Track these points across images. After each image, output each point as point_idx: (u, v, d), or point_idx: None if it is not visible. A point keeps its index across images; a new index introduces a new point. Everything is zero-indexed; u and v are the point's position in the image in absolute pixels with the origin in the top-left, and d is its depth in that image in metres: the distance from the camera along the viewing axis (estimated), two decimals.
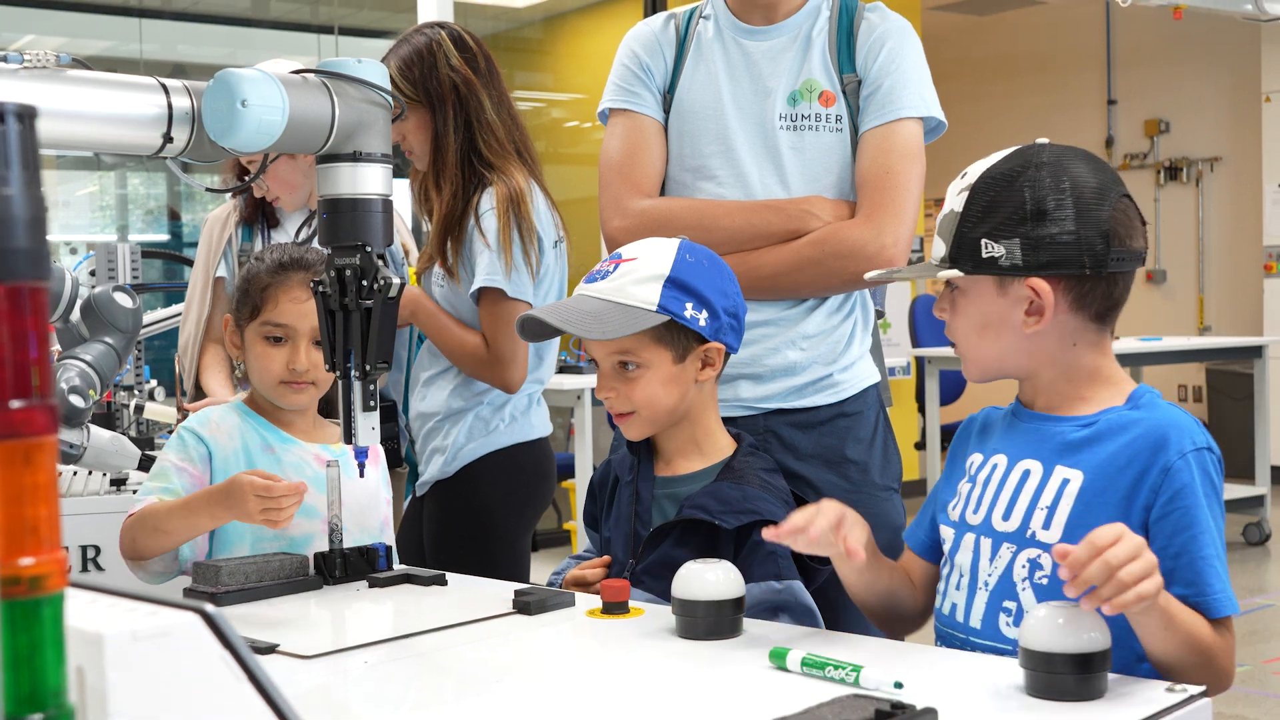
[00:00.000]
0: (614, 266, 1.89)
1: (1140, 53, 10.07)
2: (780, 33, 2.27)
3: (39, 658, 0.71)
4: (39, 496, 0.70)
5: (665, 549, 1.86)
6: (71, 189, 8.23)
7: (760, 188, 2.23)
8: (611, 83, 2.36)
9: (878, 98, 2.22)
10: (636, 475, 1.97)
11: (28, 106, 0.72)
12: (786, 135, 2.23)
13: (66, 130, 1.59)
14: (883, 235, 2.15)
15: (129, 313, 2.47)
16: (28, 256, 0.70)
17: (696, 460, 1.96)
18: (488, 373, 2.63)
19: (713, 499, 1.86)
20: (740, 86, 2.26)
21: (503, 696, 1.42)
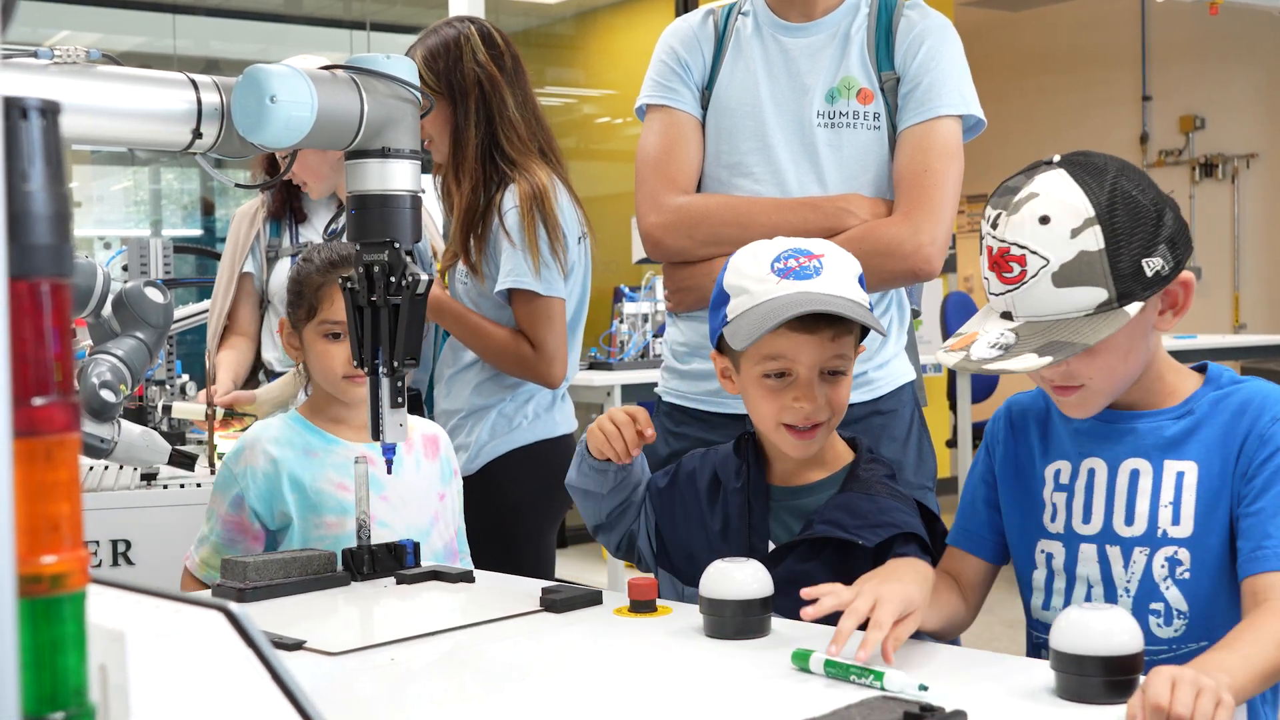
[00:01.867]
0: (818, 263, 1.77)
1: (1175, 48, 9.99)
2: (819, 30, 2.26)
3: (60, 656, 0.70)
4: (60, 494, 0.70)
5: (792, 565, 1.75)
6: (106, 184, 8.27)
7: (797, 185, 2.21)
8: (649, 78, 2.34)
9: (916, 95, 2.21)
10: (748, 484, 1.86)
11: (51, 102, 0.71)
12: (824, 133, 2.22)
13: (96, 126, 1.59)
14: (920, 234, 2.14)
15: (160, 308, 2.47)
16: (50, 253, 0.70)
17: (817, 470, 1.86)
18: (530, 371, 2.63)
19: (845, 513, 1.77)
20: (778, 84, 2.25)
21: (528, 694, 1.42)
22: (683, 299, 2.29)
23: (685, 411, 2.29)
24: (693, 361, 2.28)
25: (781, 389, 1.78)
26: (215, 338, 3.27)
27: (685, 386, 2.30)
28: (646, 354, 4.93)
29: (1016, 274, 1.57)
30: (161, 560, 2.43)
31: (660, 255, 2.30)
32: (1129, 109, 10.36)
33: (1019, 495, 1.74)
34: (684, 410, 2.29)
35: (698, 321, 2.26)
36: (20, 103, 0.70)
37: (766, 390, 1.80)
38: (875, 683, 1.38)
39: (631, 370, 4.79)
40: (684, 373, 2.30)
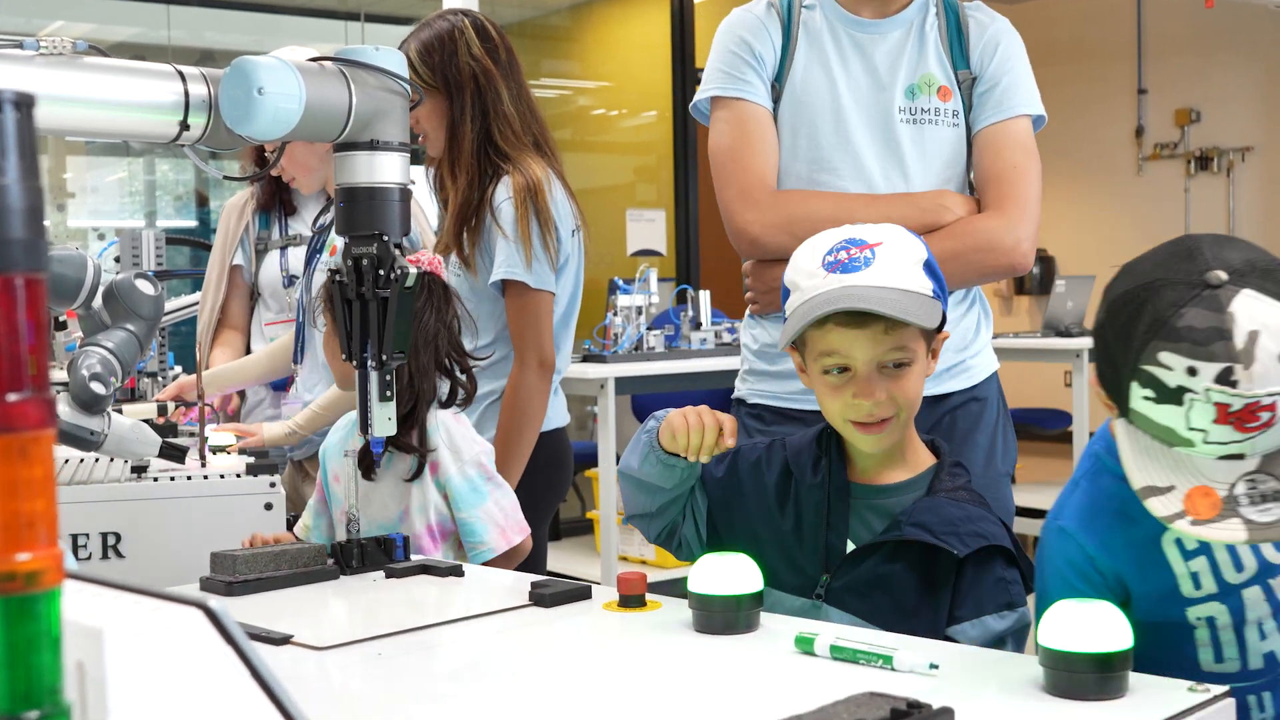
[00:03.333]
0: (870, 253, 1.73)
1: (1171, 41, 9.98)
2: (894, 26, 2.26)
3: (35, 654, 0.70)
4: (35, 491, 0.69)
5: (873, 567, 1.73)
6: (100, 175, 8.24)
7: (883, 181, 2.21)
8: (717, 69, 2.28)
9: (995, 94, 2.25)
10: (828, 479, 1.81)
11: (25, 94, 0.70)
12: (907, 129, 2.23)
13: (83, 117, 1.58)
14: (1016, 229, 2.17)
15: (150, 300, 2.46)
16: (24, 246, 0.69)
17: (901, 470, 1.81)
18: (533, 379, 2.61)
19: (934, 517, 1.72)
20: (855, 79, 2.24)
21: (516, 689, 1.41)
22: (776, 299, 2.21)
23: (777, 412, 2.26)
24: (785, 361, 2.23)
25: (843, 385, 1.74)
26: (208, 331, 3.27)
27: (777, 387, 2.27)
28: (640, 346, 4.92)
29: (1265, 420, 1.45)
30: (152, 553, 2.42)
31: (758, 253, 2.25)
32: (1124, 102, 10.36)
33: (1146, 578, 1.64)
34: (775, 410, 2.27)
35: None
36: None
37: (829, 387, 1.76)
38: (885, 665, 1.38)
39: (625, 362, 4.78)
40: (774, 374, 2.27)
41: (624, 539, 5.24)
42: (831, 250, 1.74)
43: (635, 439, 1.84)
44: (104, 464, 2.71)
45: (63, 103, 1.55)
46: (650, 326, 5.03)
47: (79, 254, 2.42)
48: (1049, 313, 6.51)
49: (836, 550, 1.76)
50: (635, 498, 1.89)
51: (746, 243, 2.24)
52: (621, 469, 1.88)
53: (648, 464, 1.82)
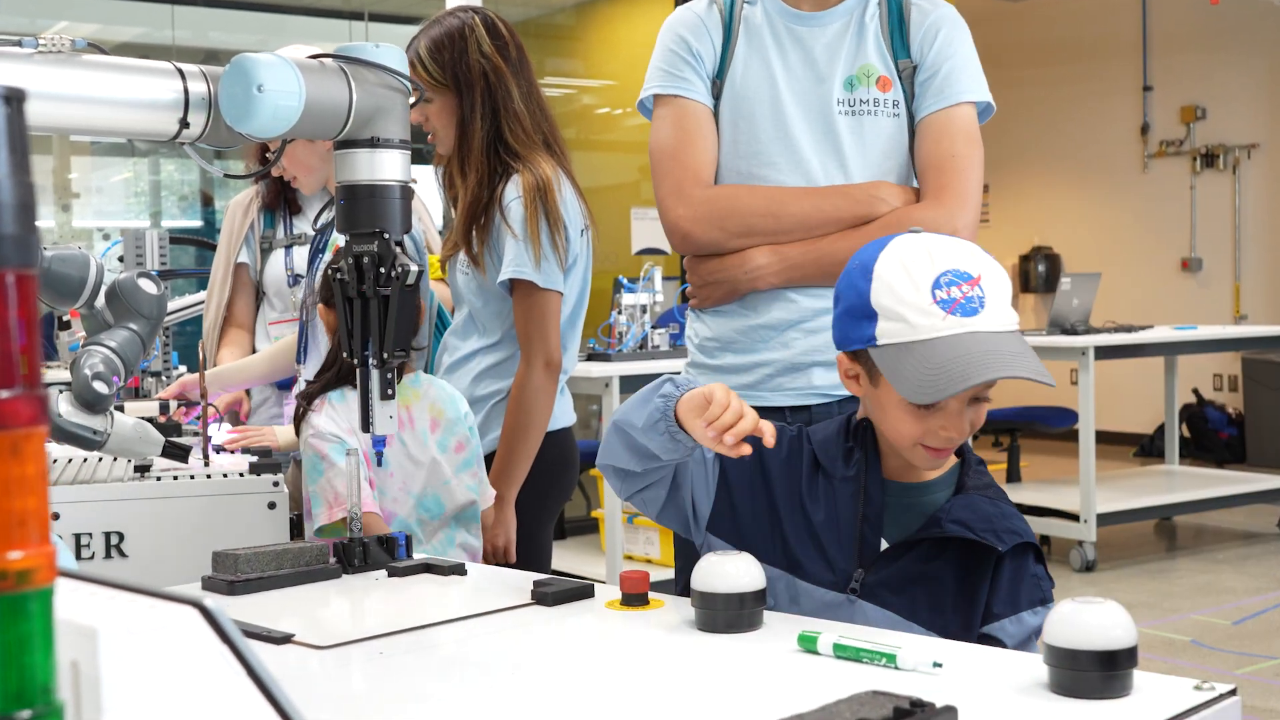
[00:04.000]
0: (979, 289, 1.66)
1: (1176, 38, 9.96)
2: (833, 19, 2.25)
3: (27, 654, 0.69)
4: (27, 489, 0.69)
5: (914, 564, 1.71)
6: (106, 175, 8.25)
7: (822, 174, 2.20)
8: (657, 68, 2.30)
9: (936, 83, 2.22)
10: (865, 474, 1.77)
11: (15, 89, 0.70)
12: (846, 120, 2.21)
13: (81, 115, 1.57)
14: (954, 218, 2.14)
15: (153, 299, 2.46)
16: (15, 242, 0.69)
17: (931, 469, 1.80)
18: (540, 378, 2.61)
19: (972, 515, 1.71)
20: (794, 73, 2.24)
21: (518, 688, 1.41)
22: (711, 293, 2.25)
23: None
24: (724, 356, 2.25)
25: (927, 415, 1.69)
26: (214, 330, 3.27)
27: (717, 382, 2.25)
28: (645, 345, 4.92)
29: None
30: (155, 552, 2.42)
31: (690, 248, 2.26)
32: (1130, 99, 10.34)
33: None
34: None
35: (726, 316, 2.25)
36: None
37: (910, 413, 1.70)
38: (888, 664, 1.37)
39: (630, 361, 4.78)
40: (715, 368, 2.27)
41: (628, 537, 5.23)
42: (939, 283, 1.66)
43: (644, 398, 1.70)
44: (107, 463, 2.70)
45: (61, 100, 1.54)
46: (655, 325, 5.02)
47: (81, 253, 2.42)
48: (1054, 310, 6.49)
49: (871, 545, 1.73)
50: (621, 454, 1.75)
51: (679, 238, 2.25)
52: (619, 421, 1.74)
53: (654, 431, 1.67)
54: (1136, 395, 9.63)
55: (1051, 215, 10.81)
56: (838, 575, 1.74)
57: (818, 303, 2.17)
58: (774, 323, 2.20)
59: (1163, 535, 7.18)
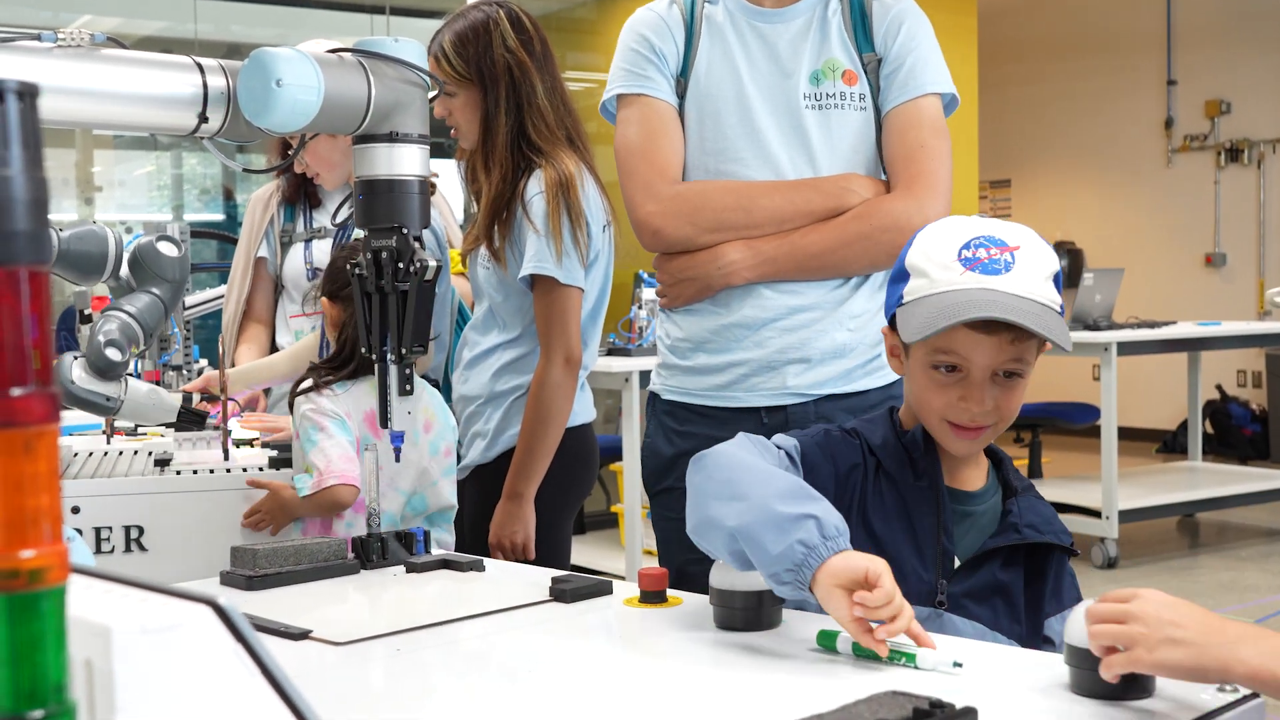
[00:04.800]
0: (1010, 256, 1.62)
1: (1201, 32, 9.90)
2: (795, 15, 2.24)
3: (39, 653, 0.68)
4: (40, 486, 0.68)
5: (990, 572, 1.66)
6: (128, 168, 8.28)
7: (790, 168, 2.19)
8: (619, 68, 2.29)
9: (901, 75, 2.22)
10: (938, 484, 1.69)
11: (29, 84, 0.69)
12: (812, 114, 2.20)
13: (100, 110, 1.57)
14: (925, 208, 2.13)
15: (173, 261, 2.45)
16: (28, 239, 0.68)
17: (977, 474, 1.75)
18: (560, 374, 2.60)
19: (1037, 517, 1.69)
20: (759, 69, 2.23)
21: (535, 685, 1.40)
22: (682, 291, 2.23)
23: (690, 409, 2.24)
24: (697, 356, 2.23)
25: (950, 384, 1.65)
26: (233, 324, 3.28)
27: (690, 383, 2.25)
28: None
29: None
30: (175, 546, 2.43)
31: (660, 245, 2.24)
32: (1154, 93, 10.28)
33: None
34: (688, 408, 2.24)
35: (698, 315, 2.23)
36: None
37: (934, 382, 1.66)
38: (908, 664, 1.36)
39: (650, 356, 4.77)
40: (688, 369, 2.25)
41: (648, 533, 5.22)
42: (969, 245, 1.64)
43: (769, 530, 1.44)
44: (127, 457, 2.71)
45: (80, 95, 1.54)
46: None
47: (96, 229, 2.41)
48: (1077, 306, 6.46)
49: (950, 556, 1.67)
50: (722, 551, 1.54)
51: (649, 235, 2.23)
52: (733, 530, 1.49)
53: (775, 580, 1.45)
54: (1159, 391, 9.58)
55: (1074, 210, 10.76)
56: (921, 588, 1.65)
57: (791, 299, 2.16)
58: (747, 321, 2.19)
59: (1185, 532, 7.15)
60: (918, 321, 1.62)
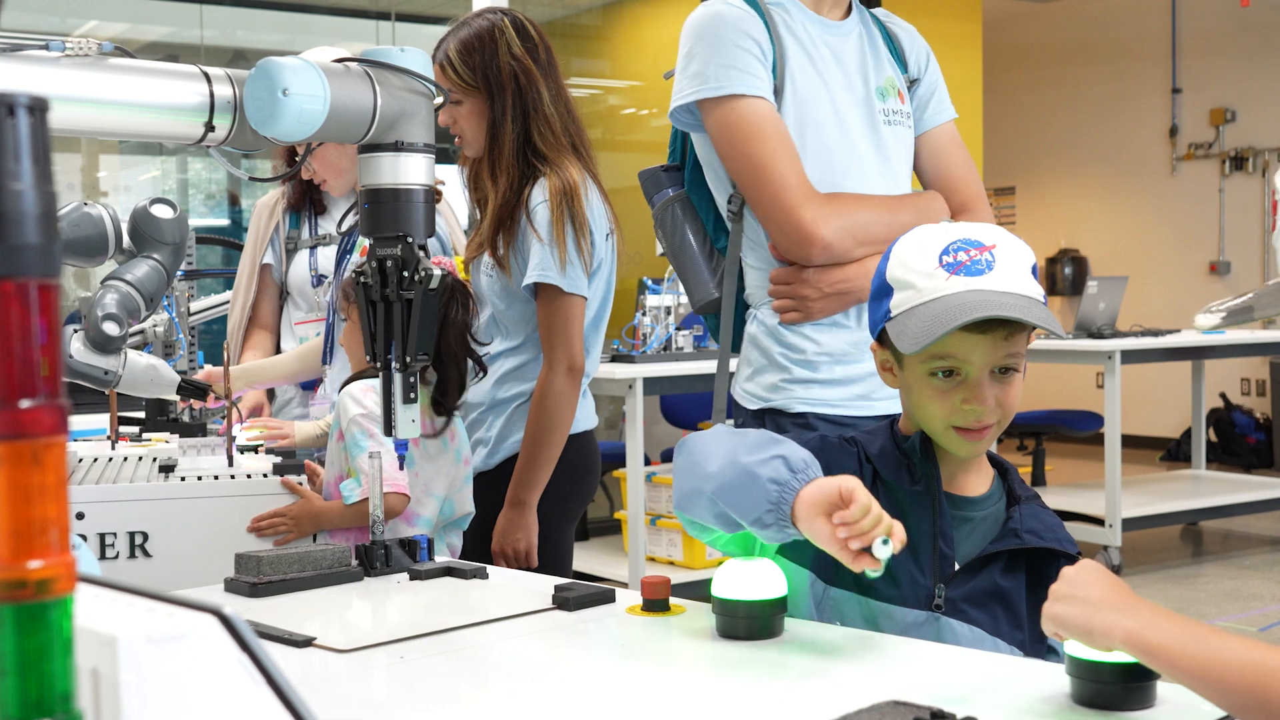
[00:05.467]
0: (989, 255, 1.64)
1: (1206, 40, 9.91)
2: (849, 30, 2.26)
3: (46, 662, 0.69)
4: (48, 497, 0.69)
5: (989, 577, 1.66)
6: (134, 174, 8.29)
7: (879, 183, 2.22)
8: (729, 66, 2.14)
9: (936, 98, 2.34)
10: (934, 489, 1.70)
11: (39, 99, 0.70)
12: (887, 130, 2.25)
13: (108, 119, 1.58)
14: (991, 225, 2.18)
15: (169, 223, 2.46)
16: (37, 252, 0.69)
17: (980, 480, 1.75)
18: (562, 383, 2.61)
19: (1039, 524, 1.69)
20: (838, 80, 2.23)
21: (538, 694, 1.40)
22: (830, 305, 2.16)
23: (828, 420, 2.17)
24: (834, 369, 2.18)
25: (950, 389, 1.66)
26: (238, 330, 3.28)
27: (831, 394, 2.18)
28: (669, 346, 4.91)
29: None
30: (179, 553, 2.43)
31: (826, 256, 2.13)
32: (1159, 101, 10.28)
33: None
34: (826, 419, 2.17)
35: (835, 329, 2.19)
36: (8, 100, 0.68)
37: (934, 390, 1.67)
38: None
39: (654, 363, 4.77)
40: (826, 381, 2.18)
41: (651, 539, 5.23)
42: (948, 250, 1.66)
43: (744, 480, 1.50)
44: (132, 463, 2.72)
45: (88, 104, 1.55)
46: (679, 327, 5.01)
47: (90, 211, 2.41)
48: (1080, 314, 6.46)
49: (948, 560, 1.67)
50: (706, 515, 1.57)
51: (818, 246, 2.12)
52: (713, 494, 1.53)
53: (758, 523, 1.50)
54: (1163, 399, 9.58)
55: (1079, 218, 10.76)
56: (918, 592, 1.66)
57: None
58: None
59: (1189, 540, 7.14)
60: (914, 331, 1.63)
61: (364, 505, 2.33)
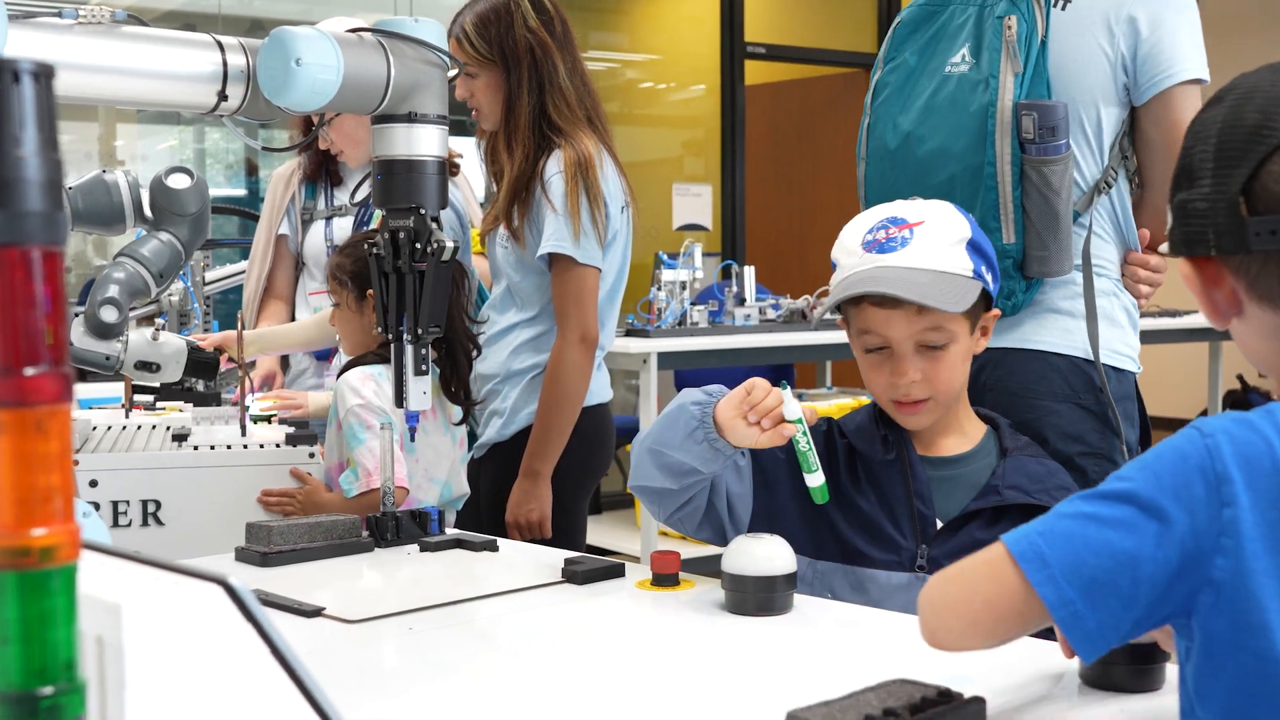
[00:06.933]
0: (908, 232, 1.71)
1: (1227, 20, 9.83)
2: None
3: (50, 630, 0.69)
4: (52, 465, 0.69)
5: (972, 533, 1.69)
6: (151, 143, 8.29)
7: None
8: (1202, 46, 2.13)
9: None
10: (904, 453, 1.77)
11: (44, 64, 0.69)
12: None
13: (120, 87, 1.58)
14: None
15: (187, 193, 2.38)
16: (41, 220, 0.68)
17: (960, 441, 1.81)
18: (575, 354, 2.61)
19: (1023, 478, 1.73)
20: None
21: (545, 665, 1.41)
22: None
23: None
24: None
25: (880, 363, 1.76)
26: (254, 300, 3.29)
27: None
28: (684, 321, 4.90)
29: None
30: (191, 521, 2.44)
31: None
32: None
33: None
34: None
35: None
36: (13, 65, 0.68)
37: (870, 364, 1.77)
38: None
39: (668, 337, 4.76)
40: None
41: None
42: (872, 229, 1.75)
43: (672, 415, 1.66)
44: (145, 431, 2.72)
45: (100, 72, 1.55)
46: (694, 302, 5.00)
47: (105, 178, 2.36)
48: None
49: (929, 521, 1.73)
50: (656, 474, 1.70)
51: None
52: (650, 444, 1.69)
53: (691, 441, 1.63)
54: (1180, 381, 9.53)
55: None
56: (901, 556, 1.73)
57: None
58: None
59: None
60: (821, 307, 1.76)
61: (363, 500, 2.34)
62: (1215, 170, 1.10)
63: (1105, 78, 2.05)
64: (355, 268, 2.47)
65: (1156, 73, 2.06)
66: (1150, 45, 2.05)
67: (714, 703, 1.28)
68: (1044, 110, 1.96)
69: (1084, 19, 2.05)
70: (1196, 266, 1.13)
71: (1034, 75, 1.99)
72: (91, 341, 2.30)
